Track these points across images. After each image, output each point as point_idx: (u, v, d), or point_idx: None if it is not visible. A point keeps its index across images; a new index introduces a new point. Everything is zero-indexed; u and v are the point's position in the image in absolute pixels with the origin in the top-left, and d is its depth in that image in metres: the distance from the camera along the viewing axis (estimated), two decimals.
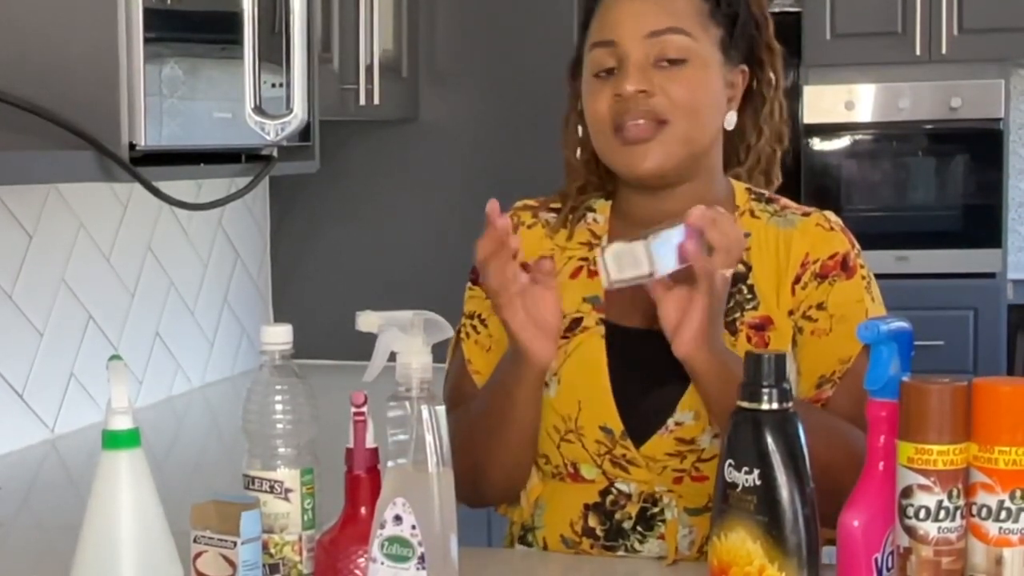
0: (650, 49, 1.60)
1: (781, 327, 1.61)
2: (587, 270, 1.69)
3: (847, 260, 1.63)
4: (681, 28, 1.60)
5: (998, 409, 1.22)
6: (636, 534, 1.62)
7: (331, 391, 1.54)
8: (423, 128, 3.32)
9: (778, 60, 1.71)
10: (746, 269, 1.63)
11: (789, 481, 1.24)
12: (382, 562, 1.27)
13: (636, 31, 1.60)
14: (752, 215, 1.67)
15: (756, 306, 1.62)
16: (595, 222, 1.73)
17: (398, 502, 1.27)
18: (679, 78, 1.60)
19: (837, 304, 1.61)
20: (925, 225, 4.42)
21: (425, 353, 1.29)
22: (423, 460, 1.26)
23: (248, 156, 2.29)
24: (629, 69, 1.60)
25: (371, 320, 1.34)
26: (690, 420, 1.59)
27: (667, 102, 1.59)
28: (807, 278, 1.62)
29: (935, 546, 1.23)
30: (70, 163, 1.86)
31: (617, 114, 1.61)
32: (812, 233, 1.64)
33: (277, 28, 2.17)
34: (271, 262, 3.42)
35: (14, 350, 2.40)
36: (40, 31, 1.88)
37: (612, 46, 1.62)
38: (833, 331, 1.60)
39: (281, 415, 1.41)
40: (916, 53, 4.32)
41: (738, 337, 1.60)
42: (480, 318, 1.73)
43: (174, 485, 1.74)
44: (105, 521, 1.31)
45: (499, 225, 1.47)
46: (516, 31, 3.27)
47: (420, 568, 1.26)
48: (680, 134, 1.60)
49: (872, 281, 1.65)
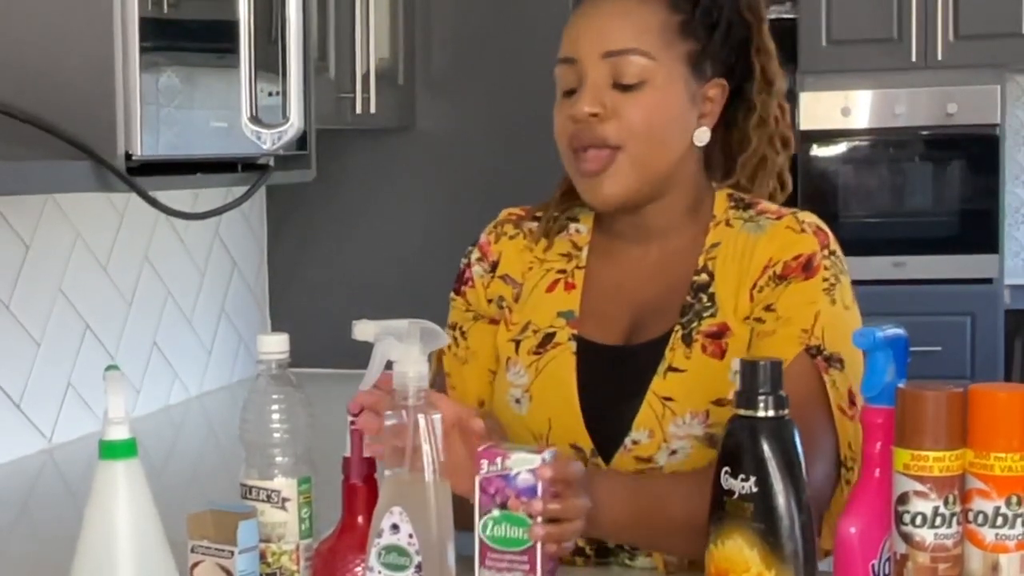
0: (607, 69, 1.57)
1: (739, 333, 1.57)
2: (564, 283, 1.68)
3: (811, 261, 1.57)
4: (640, 49, 1.56)
5: (994, 415, 1.22)
6: (625, 552, 1.61)
7: (328, 400, 1.54)
8: (419, 137, 3.32)
9: (772, 62, 1.66)
10: (709, 278, 1.61)
11: (786, 488, 1.24)
12: (379, 571, 1.27)
13: (594, 49, 1.58)
14: (727, 224, 1.64)
15: (714, 313, 1.59)
16: (578, 233, 1.71)
17: (395, 511, 1.27)
18: (634, 102, 1.56)
19: (785, 306, 1.55)
20: (922, 231, 4.42)
21: (422, 362, 1.29)
22: (420, 469, 1.26)
23: (244, 165, 2.29)
24: (584, 91, 1.58)
25: (367, 329, 1.34)
26: (645, 439, 1.57)
27: (620, 127, 1.57)
28: (764, 282, 1.57)
29: (932, 552, 1.23)
30: (66, 173, 1.86)
31: (573, 137, 1.59)
32: (779, 237, 1.59)
33: (273, 37, 2.18)
34: (268, 271, 3.42)
35: (11, 360, 2.40)
36: (36, 41, 1.88)
37: (572, 63, 1.60)
38: (776, 333, 1.55)
39: (278, 424, 1.41)
40: (912, 59, 4.33)
41: (693, 348, 1.58)
42: (461, 330, 1.72)
43: (171, 494, 1.73)
44: (102, 531, 1.31)
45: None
46: (512, 40, 3.27)
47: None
48: (634, 160, 1.57)
49: (841, 285, 1.58)
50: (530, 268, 1.70)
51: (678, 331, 1.59)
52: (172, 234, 2.93)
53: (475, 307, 1.72)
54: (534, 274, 1.70)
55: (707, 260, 1.62)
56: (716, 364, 1.56)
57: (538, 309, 1.66)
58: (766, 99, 1.66)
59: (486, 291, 1.71)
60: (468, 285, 1.73)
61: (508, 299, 1.70)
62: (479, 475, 1.34)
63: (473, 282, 1.72)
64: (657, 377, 1.58)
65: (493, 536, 1.34)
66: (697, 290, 1.60)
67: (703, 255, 1.62)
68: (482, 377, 1.70)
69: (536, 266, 1.70)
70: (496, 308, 1.71)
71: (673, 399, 1.57)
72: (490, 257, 1.72)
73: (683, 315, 1.60)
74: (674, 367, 1.58)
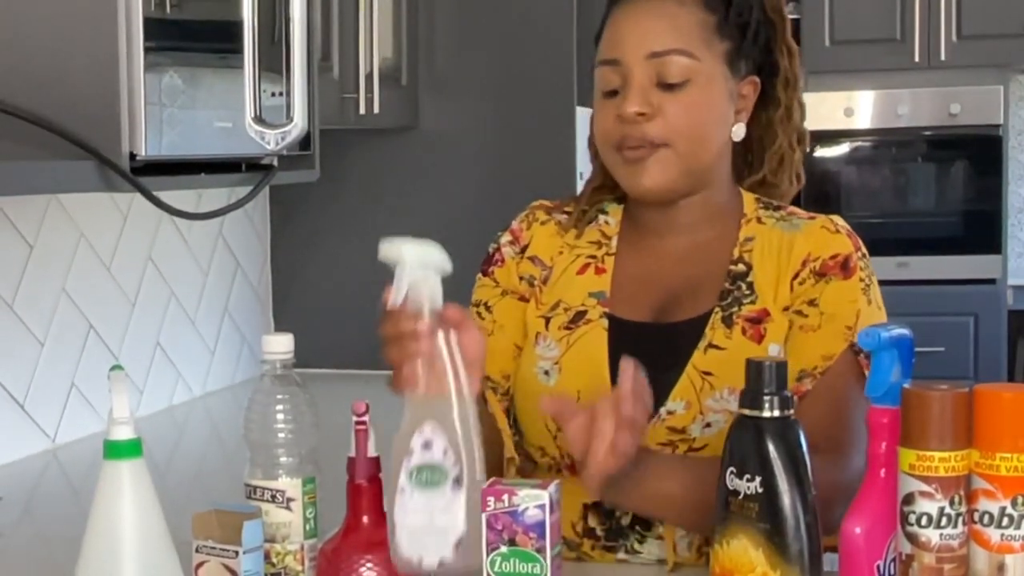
0: (652, 69, 1.62)
1: (778, 320, 1.63)
2: (594, 267, 1.72)
3: (848, 261, 1.63)
4: (684, 49, 1.61)
5: (999, 415, 1.22)
6: (635, 534, 1.63)
7: (332, 400, 1.54)
8: (423, 136, 3.32)
9: (796, 61, 1.72)
10: (747, 268, 1.66)
11: (791, 488, 1.24)
12: (411, 493, 1.28)
13: (639, 51, 1.62)
14: (759, 221, 1.70)
15: (754, 301, 1.64)
16: (607, 224, 1.76)
17: (426, 428, 1.28)
18: (679, 101, 1.61)
19: (829, 302, 1.61)
20: (925, 231, 4.43)
21: (436, 282, 1.31)
22: (445, 385, 1.28)
23: (248, 165, 2.29)
24: (630, 91, 1.62)
25: (393, 250, 1.34)
26: (681, 409, 1.61)
27: (666, 125, 1.61)
28: (805, 275, 1.63)
29: (937, 553, 1.23)
30: (70, 173, 1.86)
31: (620, 135, 1.63)
32: (816, 235, 1.66)
33: (277, 37, 2.18)
34: (272, 271, 3.42)
35: (15, 360, 2.40)
36: (40, 41, 1.89)
37: (616, 65, 1.64)
38: (821, 328, 1.61)
39: (282, 424, 1.41)
40: (915, 59, 4.33)
41: (734, 330, 1.63)
42: (486, 305, 1.75)
43: (175, 495, 1.74)
44: (106, 531, 1.31)
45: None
46: (515, 39, 3.27)
47: (456, 489, 1.28)
48: (680, 156, 1.63)
49: (873, 286, 1.65)
50: (560, 252, 1.74)
51: (718, 312, 1.64)
52: (176, 234, 2.93)
53: (504, 284, 1.76)
54: (564, 258, 1.74)
55: (743, 252, 1.67)
56: (755, 347, 1.61)
57: (569, 289, 1.70)
58: (791, 95, 1.72)
59: (517, 268, 1.75)
60: (498, 265, 1.77)
61: (538, 279, 1.74)
62: (485, 512, 1.34)
63: (504, 262, 1.76)
64: (697, 352, 1.62)
65: (502, 572, 1.34)
66: (735, 278, 1.65)
67: (737, 247, 1.68)
68: (507, 351, 1.72)
69: (567, 251, 1.74)
70: (527, 286, 1.74)
71: (712, 374, 1.61)
72: (521, 241, 1.77)
73: (722, 299, 1.65)
74: (714, 344, 1.63)
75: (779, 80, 1.71)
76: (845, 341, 1.59)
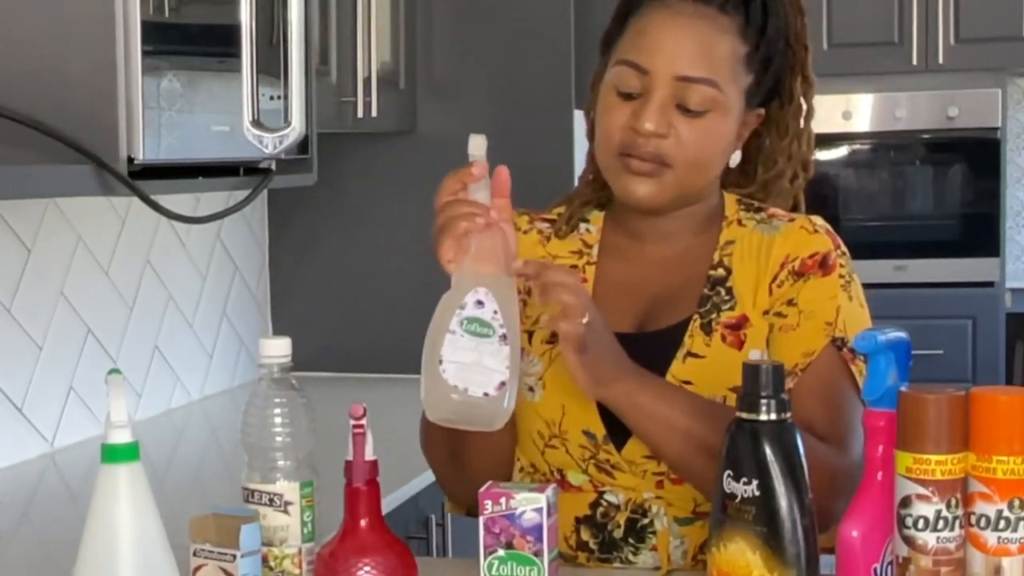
0: (677, 91, 1.58)
1: (757, 325, 1.61)
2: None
3: (827, 259, 1.62)
4: (713, 80, 1.58)
5: (996, 418, 1.22)
6: (629, 546, 1.62)
7: (330, 404, 1.54)
8: (421, 140, 3.32)
9: (811, 91, 1.70)
10: (726, 273, 1.65)
11: (788, 491, 1.24)
12: (462, 335, 1.37)
13: (669, 69, 1.58)
14: (739, 223, 1.68)
15: (733, 306, 1.63)
16: (587, 232, 1.73)
17: (480, 290, 1.38)
18: (695, 128, 1.59)
19: (807, 300, 1.60)
20: (923, 234, 4.43)
21: None
22: (498, 262, 1.44)
23: (246, 169, 2.29)
24: (650, 107, 1.59)
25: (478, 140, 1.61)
26: None
27: (676, 147, 1.59)
28: (784, 276, 1.62)
29: (934, 556, 1.23)
30: (68, 177, 1.87)
31: (627, 142, 1.60)
32: (795, 236, 1.64)
33: (275, 41, 2.18)
34: (270, 275, 3.42)
35: (13, 364, 2.40)
36: (38, 45, 1.89)
37: (642, 72, 1.60)
38: (800, 326, 1.60)
39: (280, 428, 1.41)
40: (913, 63, 4.33)
41: (713, 337, 1.61)
42: None
43: (173, 498, 1.74)
44: (104, 535, 1.31)
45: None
46: (513, 44, 3.28)
47: (503, 344, 1.36)
48: (678, 178, 1.60)
49: (854, 283, 1.63)
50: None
51: (696, 319, 1.62)
52: (173, 238, 2.93)
53: None
54: None
55: (722, 256, 1.66)
56: (734, 353, 1.60)
57: None
58: (801, 127, 1.70)
59: None
60: None
61: (522, 291, 1.71)
62: (483, 515, 1.35)
63: None
64: (676, 361, 1.61)
65: (499, 575, 1.35)
66: (714, 284, 1.63)
67: (717, 251, 1.66)
68: None
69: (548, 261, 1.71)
70: None
71: (692, 383, 1.59)
72: None
73: (701, 305, 1.63)
74: (693, 352, 1.61)
75: (791, 108, 1.69)
76: (826, 337, 1.58)
